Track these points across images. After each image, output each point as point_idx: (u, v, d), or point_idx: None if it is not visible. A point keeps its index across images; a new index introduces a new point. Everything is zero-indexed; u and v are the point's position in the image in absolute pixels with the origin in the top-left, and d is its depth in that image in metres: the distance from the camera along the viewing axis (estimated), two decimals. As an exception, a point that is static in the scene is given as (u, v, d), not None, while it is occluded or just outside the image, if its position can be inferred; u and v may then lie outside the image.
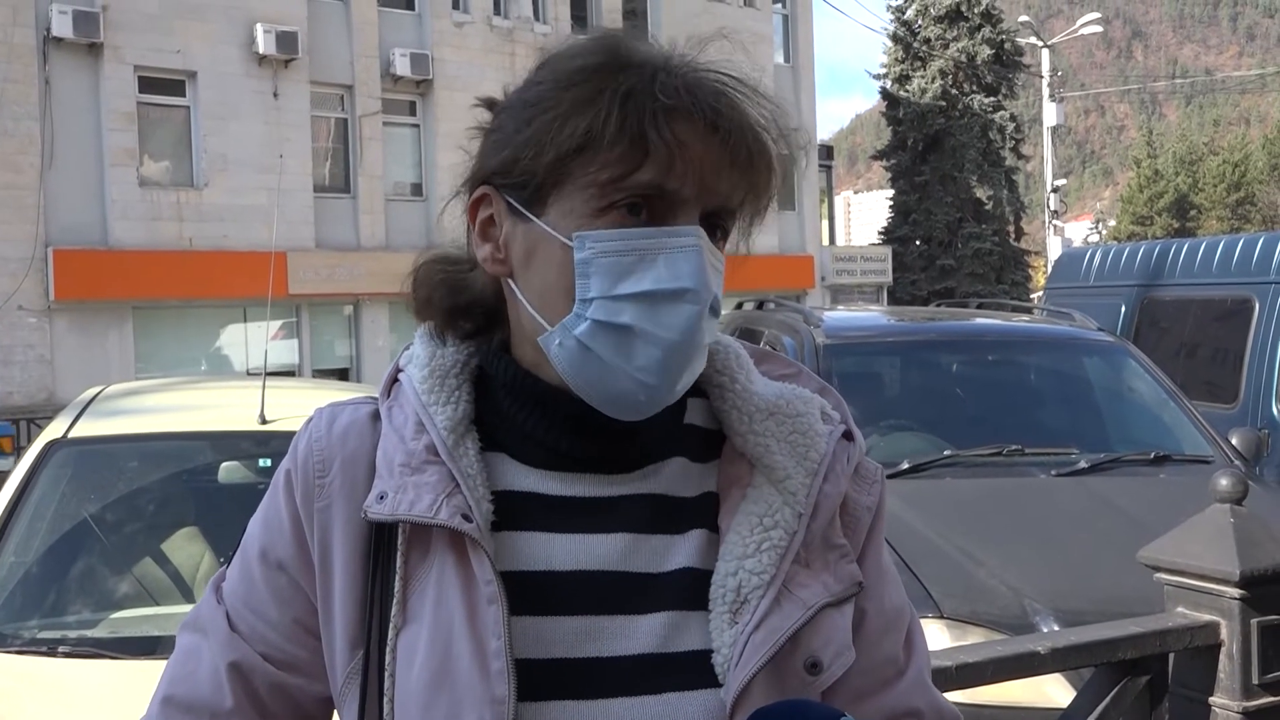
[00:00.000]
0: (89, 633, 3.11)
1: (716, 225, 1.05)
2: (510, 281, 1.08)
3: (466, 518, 1.02)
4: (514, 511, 1.06)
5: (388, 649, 1.03)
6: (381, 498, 1.05)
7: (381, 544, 1.06)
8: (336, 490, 1.09)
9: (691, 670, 1.02)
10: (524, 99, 1.06)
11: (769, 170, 1.05)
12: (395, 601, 1.03)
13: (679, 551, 1.06)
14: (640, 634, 1.03)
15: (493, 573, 1.01)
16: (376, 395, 1.15)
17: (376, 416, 1.13)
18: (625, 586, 1.04)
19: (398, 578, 1.04)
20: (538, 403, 1.08)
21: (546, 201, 1.03)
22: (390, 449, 1.08)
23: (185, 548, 3.51)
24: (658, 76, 1.01)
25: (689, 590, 1.04)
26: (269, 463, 3.80)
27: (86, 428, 3.76)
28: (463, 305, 1.14)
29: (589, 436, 1.07)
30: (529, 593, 1.03)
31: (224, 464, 3.88)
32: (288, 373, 17.73)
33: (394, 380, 1.15)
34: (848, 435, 1.14)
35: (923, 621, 3.44)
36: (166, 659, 1.17)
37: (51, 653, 2.96)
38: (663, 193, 1.00)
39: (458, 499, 1.03)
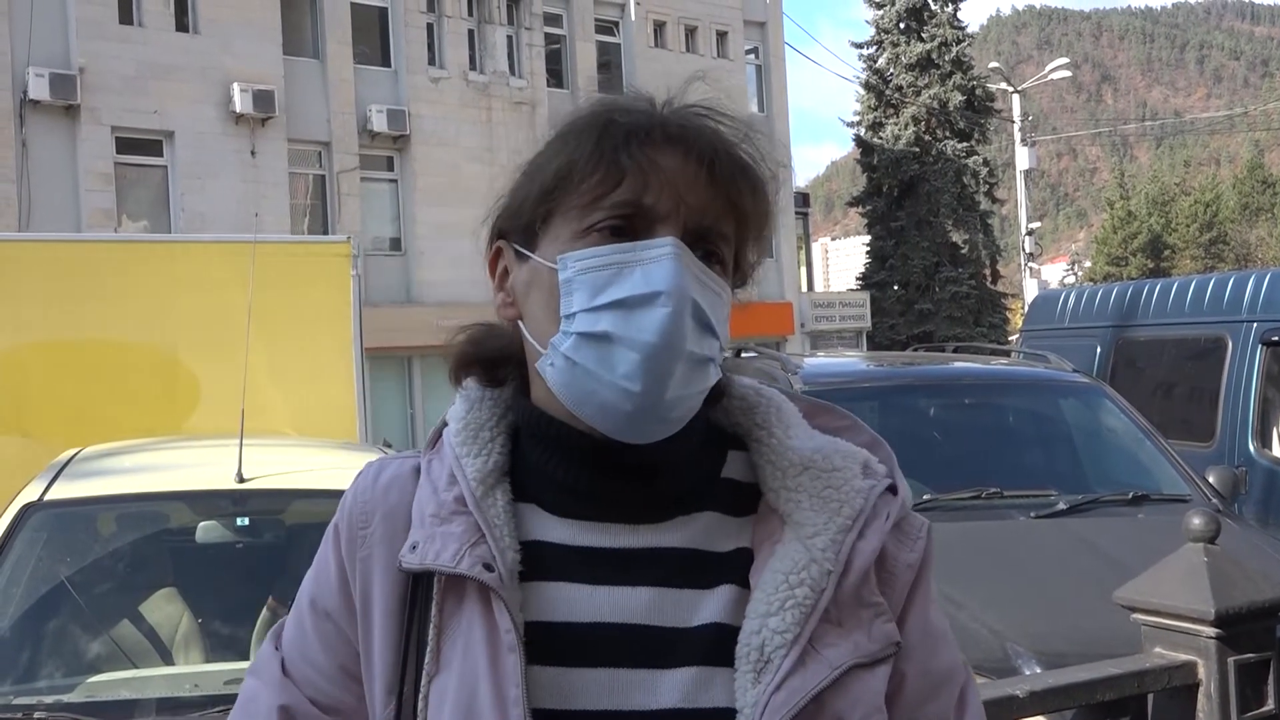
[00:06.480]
0: (65, 697, 3.07)
1: (710, 250, 1.06)
2: (520, 323, 1.11)
3: (489, 567, 1.03)
4: (541, 561, 1.07)
5: (420, 696, 1.05)
6: (413, 547, 1.07)
7: (419, 593, 1.08)
8: (377, 541, 1.12)
9: None
10: (527, 158, 1.12)
11: (754, 189, 1.09)
12: (429, 650, 1.05)
13: (708, 606, 1.05)
14: (665, 689, 1.02)
15: (511, 622, 1.02)
16: (420, 450, 1.18)
17: (419, 470, 1.15)
18: (651, 640, 1.03)
19: (432, 626, 1.06)
20: (554, 443, 1.09)
21: (538, 237, 1.08)
22: (424, 500, 1.11)
23: (163, 609, 3.47)
24: (635, 114, 1.06)
25: (716, 646, 1.03)
26: (247, 521, 3.78)
27: (63, 490, 3.73)
28: (491, 356, 1.17)
29: (606, 472, 1.07)
30: (552, 643, 1.03)
31: (202, 524, 3.85)
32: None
33: (438, 435, 1.18)
34: (893, 489, 1.13)
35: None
36: None
37: (26, 719, 2.92)
38: (640, 209, 1.03)
39: (482, 549, 1.04)
